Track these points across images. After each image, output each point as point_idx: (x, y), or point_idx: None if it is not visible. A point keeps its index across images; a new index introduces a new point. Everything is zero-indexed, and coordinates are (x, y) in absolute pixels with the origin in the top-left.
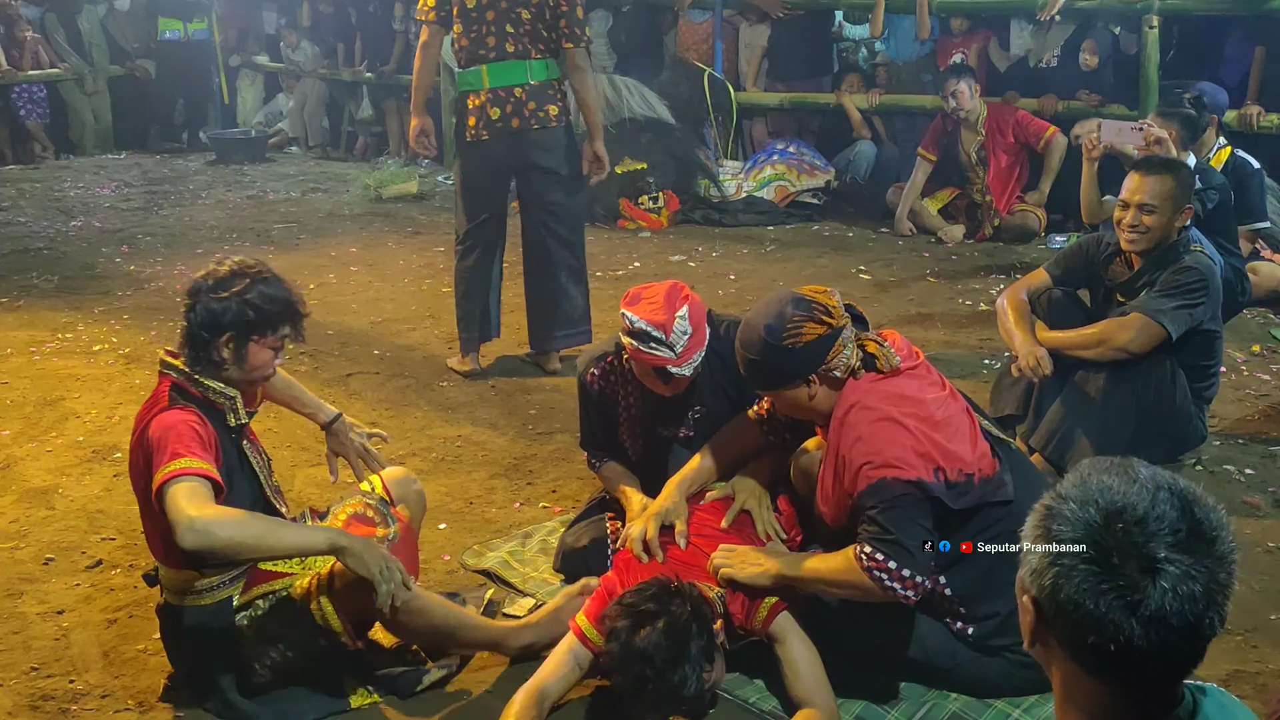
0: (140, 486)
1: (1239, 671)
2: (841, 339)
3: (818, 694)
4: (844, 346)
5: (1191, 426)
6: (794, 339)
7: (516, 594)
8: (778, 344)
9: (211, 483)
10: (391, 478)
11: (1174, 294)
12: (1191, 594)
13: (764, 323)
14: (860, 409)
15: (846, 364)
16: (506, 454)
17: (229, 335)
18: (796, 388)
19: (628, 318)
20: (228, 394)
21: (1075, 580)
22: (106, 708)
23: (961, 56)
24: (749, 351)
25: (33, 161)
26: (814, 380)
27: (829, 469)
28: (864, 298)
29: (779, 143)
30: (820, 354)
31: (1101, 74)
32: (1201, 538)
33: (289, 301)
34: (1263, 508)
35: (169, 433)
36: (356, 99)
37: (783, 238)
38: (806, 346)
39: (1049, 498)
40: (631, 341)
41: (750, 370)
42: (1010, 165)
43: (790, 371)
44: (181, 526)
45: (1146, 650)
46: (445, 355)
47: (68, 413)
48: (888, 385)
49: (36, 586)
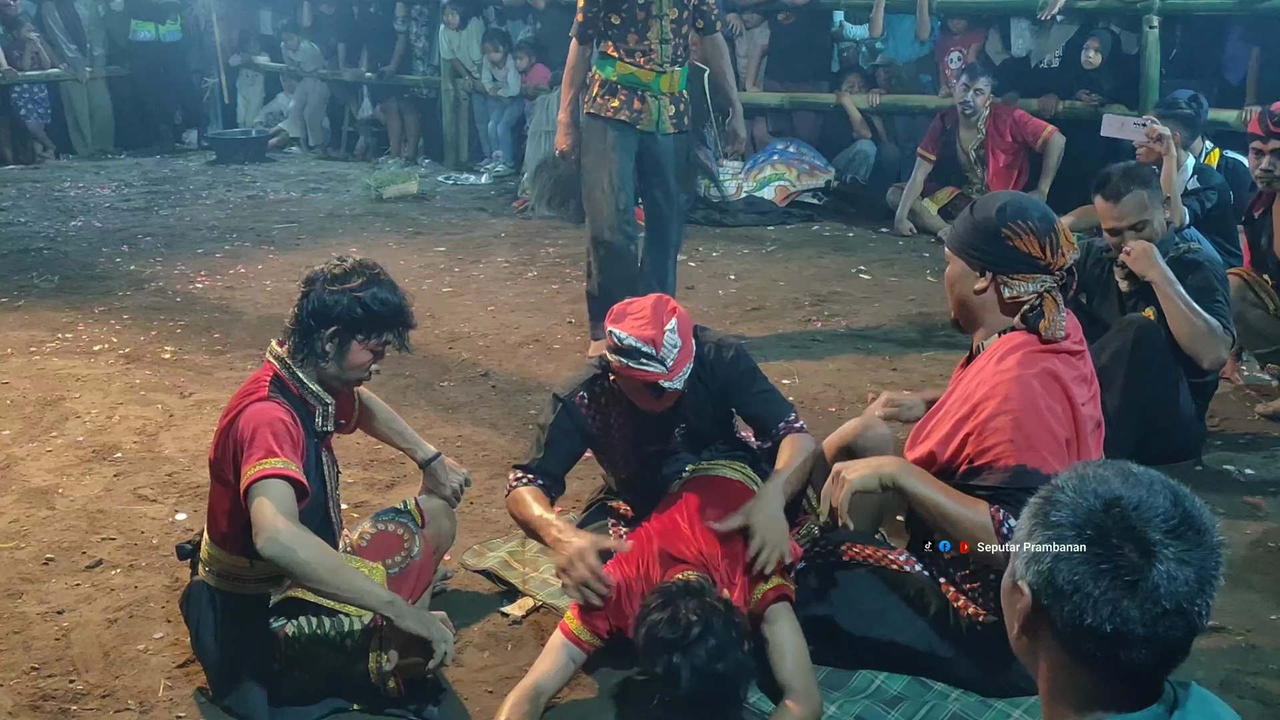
0: (223, 464)
1: (1239, 671)
2: (1040, 278)
3: (799, 679)
4: (1032, 279)
5: (1194, 428)
6: (1010, 233)
7: (516, 594)
8: (999, 223)
9: (297, 486)
10: (429, 504)
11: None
12: (1185, 579)
13: (1010, 202)
14: (1018, 382)
15: (1021, 296)
16: (507, 454)
17: (335, 329)
18: (976, 269)
19: (615, 335)
20: (324, 399)
21: (1075, 562)
22: (107, 708)
23: (960, 54)
24: (976, 211)
25: (33, 161)
26: (989, 277)
27: (942, 411)
28: (864, 297)
29: (779, 142)
30: (1013, 264)
31: (1101, 74)
32: (1192, 526)
33: (399, 308)
34: (1263, 508)
35: (265, 427)
36: (357, 99)
37: (783, 238)
38: (1012, 249)
39: (1044, 491)
40: (620, 359)
41: (963, 225)
42: (1009, 165)
43: (983, 250)
44: (266, 533)
45: (1141, 634)
46: (446, 355)
47: (68, 413)
48: (1047, 362)
49: (37, 586)
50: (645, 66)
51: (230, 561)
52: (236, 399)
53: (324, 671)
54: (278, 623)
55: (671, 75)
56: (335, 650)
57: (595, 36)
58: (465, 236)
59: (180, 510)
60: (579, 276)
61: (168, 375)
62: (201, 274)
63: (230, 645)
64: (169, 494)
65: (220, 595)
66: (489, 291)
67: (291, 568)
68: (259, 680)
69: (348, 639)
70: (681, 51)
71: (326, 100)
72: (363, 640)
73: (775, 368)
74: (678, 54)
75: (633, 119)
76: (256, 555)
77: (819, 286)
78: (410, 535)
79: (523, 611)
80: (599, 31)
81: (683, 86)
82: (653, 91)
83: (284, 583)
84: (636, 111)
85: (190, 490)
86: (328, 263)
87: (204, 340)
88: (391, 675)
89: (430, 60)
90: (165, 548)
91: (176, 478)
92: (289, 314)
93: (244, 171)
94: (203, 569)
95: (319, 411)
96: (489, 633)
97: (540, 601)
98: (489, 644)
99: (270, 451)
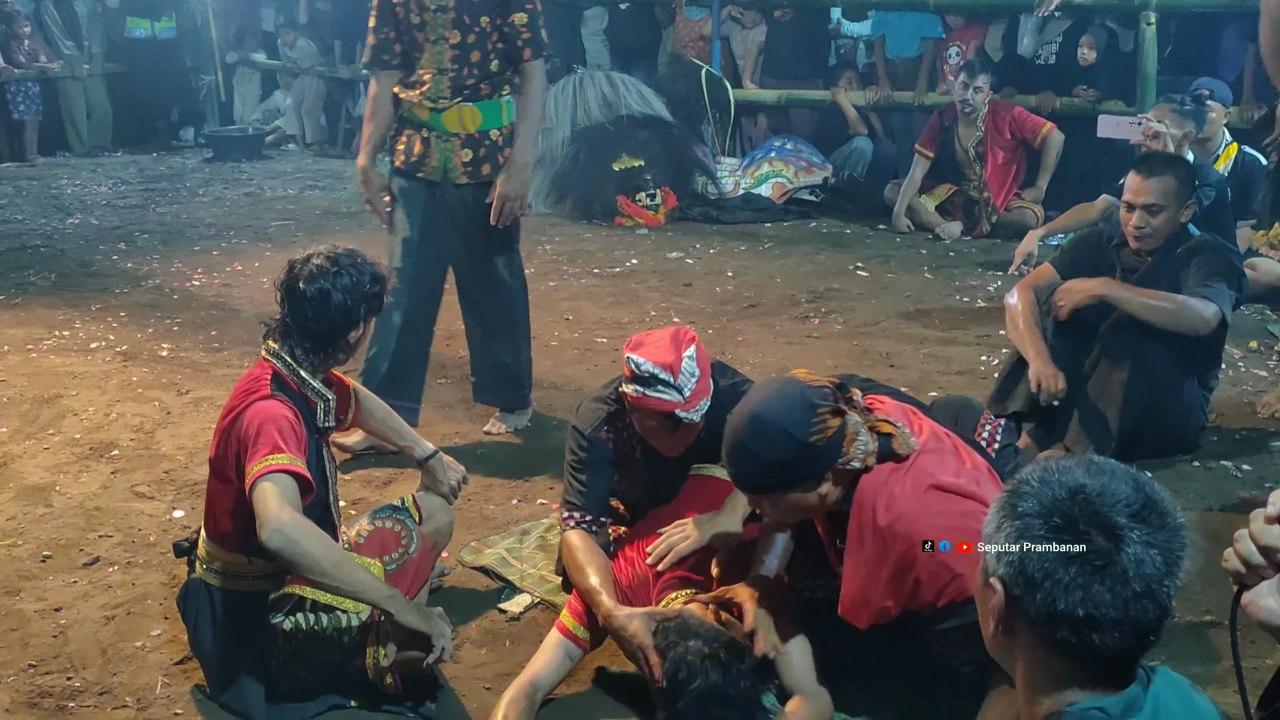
0: (224, 462)
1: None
2: (854, 428)
3: (807, 680)
4: (857, 434)
5: (1195, 417)
6: (820, 434)
7: (514, 590)
8: (805, 440)
9: (301, 482)
10: (426, 500)
11: (1222, 277)
12: (1153, 560)
13: (783, 418)
14: (920, 516)
15: (865, 452)
16: (503, 450)
17: (361, 325)
18: (808, 488)
19: (633, 362)
20: (325, 395)
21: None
22: (104, 704)
23: (959, 50)
24: (770, 452)
25: (28, 159)
26: (828, 478)
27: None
28: (861, 294)
29: (776, 139)
30: (837, 448)
31: (1098, 71)
32: (1155, 510)
33: (380, 274)
34: (1259, 503)
35: (270, 424)
36: (354, 96)
37: (780, 235)
38: (829, 441)
39: (1009, 485)
40: (637, 389)
41: (765, 467)
42: (1007, 162)
43: (814, 469)
44: (271, 525)
45: (1114, 617)
46: (441, 352)
47: (65, 410)
48: (913, 478)
49: (34, 584)
50: (420, 102)
51: (228, 559)
52: (237, 397)
53: (321, 668)
54: (275, 619)
55: (460, 112)
56: (333, 646)
57: (392, 63)
58: None
59: (178, 508)
60: (576, 273)
61: (165, 373)
62: (198, 271)
63: (228, 642)
64: (166, 491)
65: (218, 593)
66: None
67: (295, 560)
68: (257, 677)
69: (345, 635)
70: (483, 82)
71: (323, 97)
72: (360, 637)
73: (771, 365)
74: (465, 86)
75: (412, 166)
76: (255, 552)
77: (816, 283)
78: (408, 532)
79: (520, 608)
80: (394, 57)
81: (494, 124)
82: (438, 132)
83: (282, 579)
84: (419, 156)
85: (187, 487)
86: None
87: (201, 337)
88: (389, 671)
89: None
90: (163, 545)
91: (174, 475)
92: (292, 322)
93: (241, 169)
94: (200, 566)
95: (320, 408)
96: (486, 629)
97: (537, 598)
98: (486, 640)
99: (276, 448)
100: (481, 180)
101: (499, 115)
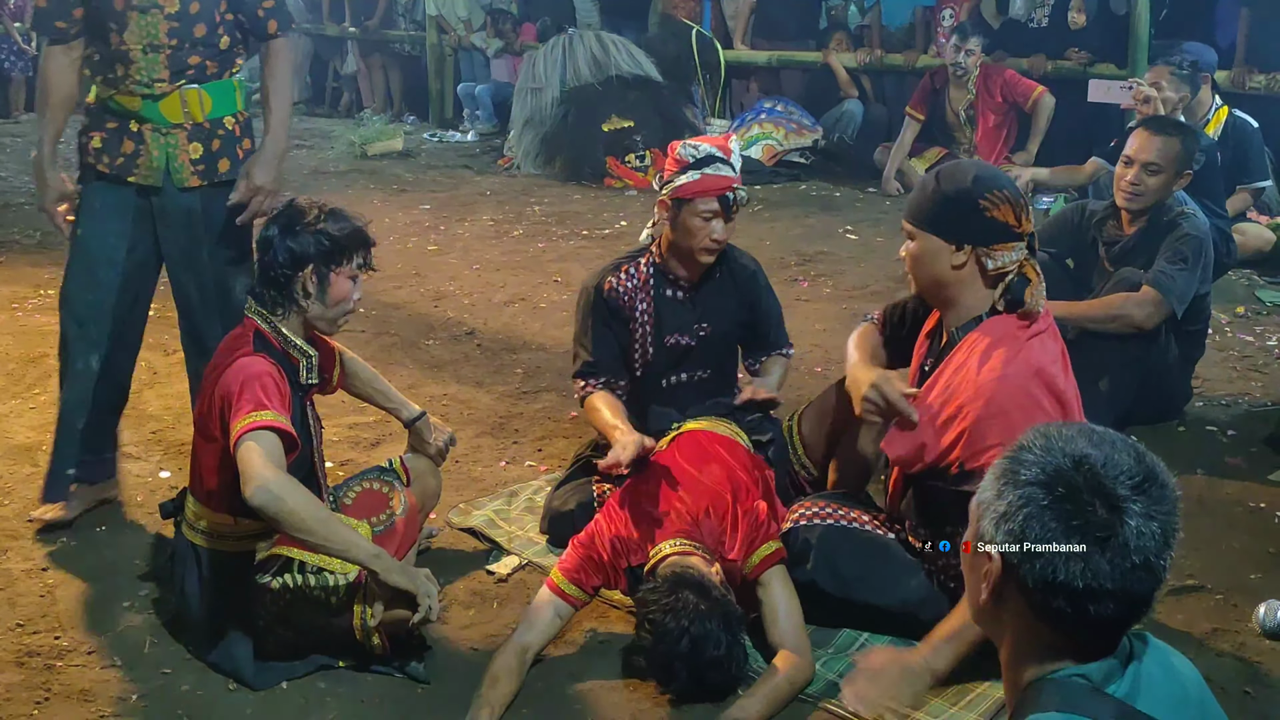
0: (208, 420)
1: (1219, 630)
2: (1017, 246)
3: (792, 637)
4: (1013, 249)
5: (1180, 387)
6: (989, 204)
7: (501, 552)
8: (975, 194)
9: (286, 439)
10: (414, 462)
11: (1181, 266)
12: (1152, 533)
13: (980, 172)
14: (1006, 382)
15: (1004, 266)
16: (492, 412)
17: (311, 268)
18: (951, 244)
19: (687, 149)
20: (307, 351)
21: (1047, 519)
22: (91, 664)
23: (952, 13)
24: (944, 184)
25: (13, 116)
26: (968, 251)
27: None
28: (851, 257)
29: (766, 101)
30: (993, 235)
31: (1090, 34)
32: (1155, 482)
33: (358, 229)
34: (1244, 468)
35: (253, 381)
36: (341, 55)
37: (770, 197)
38: (991, 220)
39: (1009, 452)
40: (692, 174)
41: (932, 199)
42: (998, 125)
43: (965, 230)
44: (255, 482)
45: (1111, 588)
46: (431, 314)
47: (50, 369)
48: (1029, 353)
49: (21, 544)
50: (126, 87)
51: (215, 519)
52: (220, 355)
53: (309, 628)
54: (263, 579)
55: (183, 97)
56: (320, 607)
57: (70, 32)
58: (450, 194)
59: (164, 468)
60: (565, 235)
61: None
62: None
63: (215, 602)
64: (153, 452)
65: (205, 553)
66: (474, 250)
67: (280, 517)
68: (244, 636)
69: (333, 596)
70: (209, 60)
71: (310, 56)
72: (347, 596)
73: None
74: (188, 65)
75: (118, 169)
76: (241, 512)
77: (805, 246)
78: (395, 493)
79: (507, 570)
80: (73, 24)
81: (227, 110)
82: (155, 124)
83: (269, 539)
84: (128, 156)
85: (174, 448)
86: (274, 215)
87: None
88: (376, 631)
89: (413, 16)
90: (150, 505)
91: (161, 435)
92: (256, 274)
93: None
94: (186, 527)
95: (303, 365)
96: (474, 590)
97: (525, 560)
98: (474, 602)
99: (259, 404)
100: (219, 180)
101: (232, 99)
